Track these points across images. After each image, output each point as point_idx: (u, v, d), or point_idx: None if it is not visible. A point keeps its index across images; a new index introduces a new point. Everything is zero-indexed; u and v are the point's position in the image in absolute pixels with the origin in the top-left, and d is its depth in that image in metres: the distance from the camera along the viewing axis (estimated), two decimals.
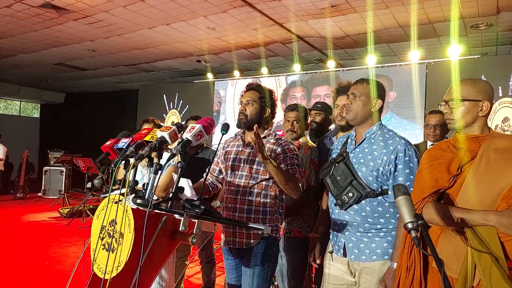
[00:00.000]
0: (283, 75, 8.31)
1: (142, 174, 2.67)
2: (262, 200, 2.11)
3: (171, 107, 9.78)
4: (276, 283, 3.21)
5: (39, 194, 9.96)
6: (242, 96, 2.28)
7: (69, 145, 11.68)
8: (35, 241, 5.85)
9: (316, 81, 7.86)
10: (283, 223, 2.63)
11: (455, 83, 1.60)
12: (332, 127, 3.19)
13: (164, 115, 9.83)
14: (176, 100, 9.69)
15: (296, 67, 7.91)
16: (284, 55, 7.79)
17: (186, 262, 3.49)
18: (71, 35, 6.95)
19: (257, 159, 2.12)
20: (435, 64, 6.64)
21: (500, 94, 6.01)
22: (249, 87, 2.27)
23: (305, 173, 2.62)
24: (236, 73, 8.66)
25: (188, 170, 2.34)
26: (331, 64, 7.52)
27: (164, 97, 9.86)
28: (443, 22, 5.67)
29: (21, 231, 6.45)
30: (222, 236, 2.18)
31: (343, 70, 7.70)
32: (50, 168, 10.03)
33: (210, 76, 9.06)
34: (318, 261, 2.15)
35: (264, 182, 2.12)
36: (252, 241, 2.07)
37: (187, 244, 1.38)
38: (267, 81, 8.27)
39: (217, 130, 9.11)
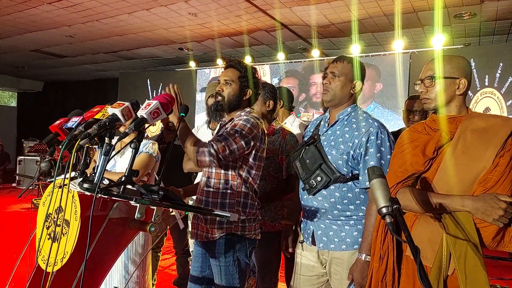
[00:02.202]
0: (267, 64, 8.18)
1: (115, 161, 2.46)
2: (220, 191, 1.89)
3: (154, 95, 9.57)
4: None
5: (14, 184, 9.65)
6: (220, 75, 2.03)
7: (48, 135, 11.32)
8: (4, 232, 5.64)
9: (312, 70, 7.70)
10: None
11: (431, 61, 1.52)
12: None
13: (147, 100, 9.62)
14: (160, 89, 9.47)
15: (280, 56, 7.79)
16: (268, 44, 7.66)
17: (159, 254, 3.39)
18: (47, 20, 6.67)
19: None
20: (419, 54, 6.62)
21: (486, 83, 6.01)
22: (228, 65, 2.01)
23: (283, 161, 2.44)
24: (220, 61, 8.49)
25: (165, 159, 2.20)
26: (315, 53, 7.42)
27: (148, 85, 9.63)
28: (427, 11, 5.63)
29: None
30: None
31: (327, 59, 7.60)
32: (25, 157, 9.70)
33: (192, 64, 8.86)
34: (290, 250, 2.05)
35: (222, 170, 1.90)
36: (210, 235, 1.88)
37: (146, 233, 1.26)
38: None
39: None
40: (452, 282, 1.32)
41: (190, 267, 2.14)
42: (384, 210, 1.11)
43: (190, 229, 2.18)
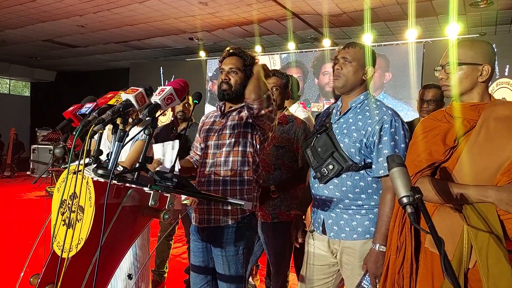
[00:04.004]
0: (277, 54, 8.11)
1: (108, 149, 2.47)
2: (239, 168, 1.89)
3: (165, 85, 9.58)
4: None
5: (28, 172, 9.81)
6: (222, 62, 1.98)
7: (62, 121, 11.46)
8: (19, 219, 5.74)
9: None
10: (269, 208, 2.43)
11: (452, 46, 1.46)
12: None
13: (160, 87, 9.66)
14: (173, 79, 9.48)
15: (291, 45, 7.71)
16: (279, 33, 7.59)
17: (171, 242, 3.40)
18: (59, 10, 6.69)
19: (230, 123, 1.93)
20: (433, 43, 6.49)
21: (506, 73, 5.88)
22: (231, 53, 1.98)
23: (298, 150, 2.42)
24: None
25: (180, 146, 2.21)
26: (326, 43, 7.32)
27: (161, 74, 9.63)
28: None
29: (5, 209, 6.36)
30: (194, 214, 1.96)
31: (339, 47, 7.50)
32: (39, 146, 9.83)
33: (202, 54, 8.84)
34: (300, 240, 2.03)
35: (240, 148, 1.90)
36: (230, 217, 1.86)
37: (159, 220, 1.25)
38: (261, 60, 8.05)
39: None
40: (473, 275, 1.28)
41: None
42: (405, 200, 1.07)
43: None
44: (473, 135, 1.36)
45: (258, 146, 1.95)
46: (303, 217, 2.16)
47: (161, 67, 9.73)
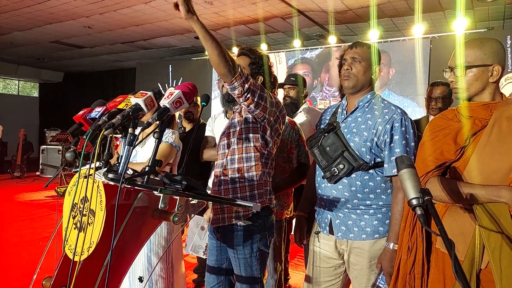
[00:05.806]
0: (283, 51, 8.10)
1: (136, 152, 2.41)
2: (245, 165, 1.87)
3: (171, 85, 9.61)
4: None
5: (37, 173, 9.92)
6: None
7: (70, 125, 11.54)
8: (29, 220, 5.80)
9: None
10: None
11: (460, 46, 1.43)
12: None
13: (169, 90, 9.69)
14: (181, 79, 9.51)
15: (296, 43, 7.69)
16: (284, 31, 7.58)
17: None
18: (65, 11, 6.74)
19: (232, 122, 1.92)
20: (440, 39, 6.41)
21: (509, 69, 5.81)
22: (239, 52, 2.00)
23: (292, 150, 2.45)
24: (235, 50, 8.44)
25: (187, 148, 2.23)
26: (332, 40, 7.29)
27: (170, 74, 9.66)
28: None
29: (15, 210, 6.43)
30: (211, 215, 1.97)
31: (344, 45, 7.46)
32: (48, 147, 9.96)
33: None
34: (304, 242, 2.03)
35: (244, 144, 1.88)
36: (242, 215, 1.84)
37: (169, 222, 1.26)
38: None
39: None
40: (485, 276, 1.27)
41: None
42: (414, 202, 1.06)
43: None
44: (484, 135, 1.34)
45: (267, 137, 1.90)
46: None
47: (168, 67, 9.77)
